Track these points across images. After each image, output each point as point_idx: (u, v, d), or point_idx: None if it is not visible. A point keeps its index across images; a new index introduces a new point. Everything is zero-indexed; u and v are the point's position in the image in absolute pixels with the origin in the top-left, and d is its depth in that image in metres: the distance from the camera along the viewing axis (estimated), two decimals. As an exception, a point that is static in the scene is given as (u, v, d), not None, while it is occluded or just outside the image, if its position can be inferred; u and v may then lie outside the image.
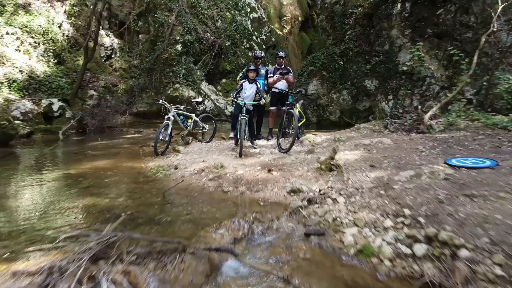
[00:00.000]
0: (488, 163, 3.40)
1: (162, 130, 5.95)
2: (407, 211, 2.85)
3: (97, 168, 5.38)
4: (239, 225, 3.06)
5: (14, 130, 7.47)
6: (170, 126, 6.05)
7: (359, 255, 2.59)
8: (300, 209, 3.36)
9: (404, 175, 3.52)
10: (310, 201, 3.48)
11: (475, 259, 2.19)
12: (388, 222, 2.85)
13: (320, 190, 3.69)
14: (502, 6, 7.07)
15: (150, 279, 2.27)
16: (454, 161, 3.56)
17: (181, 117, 6.61)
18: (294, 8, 20.36)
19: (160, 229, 3.02)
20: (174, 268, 2.33)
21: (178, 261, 2.38)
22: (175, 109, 6.31)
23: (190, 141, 6.43)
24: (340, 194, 3.52)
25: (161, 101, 6.47)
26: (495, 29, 7.10)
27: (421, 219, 2.70)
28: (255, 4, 17.89)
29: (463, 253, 2.26)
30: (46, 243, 2.66)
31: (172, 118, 6.16)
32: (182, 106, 6.66)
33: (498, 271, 2.06)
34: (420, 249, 2.47)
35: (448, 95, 6.60)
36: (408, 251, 2.51)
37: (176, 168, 4.88)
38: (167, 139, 6.02)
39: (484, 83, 6.82)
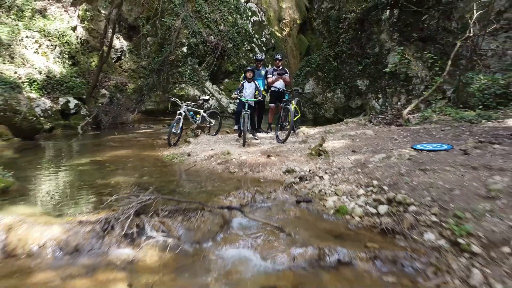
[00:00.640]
0: (445, 147, 4.14)
1: (175, 124, 6.69)
2: (375, 182, 3.59)
3: (119, 156, 6.12)
4: (244, 195, 3.79)
5: (40, 125, 8.22)
6: (182, 121, 6.80)
7: (336, 214, 3.34)
8: (293, 184, 4.09)
9: (377, 157, 4.26)
10: (301, 179, 4.21)
11: (419, 211, 2.93)
12: (361, 191, 3.59)
13: (309, 170, 4.43)
14: (478, 13, 7.81)
15: (179, 227, 3.01)
16: (418, 146, 4.30)
17: (191, 113, 7.35)
18: (293, 11, 21.06)
19: (181, 197, 3.76)
20: (197, 220, 3.07)
21: (199, 216, 3.12)
22: (185, 105, 7.06)
23: (199, 133, 7.18)
24: (326, 173, 4.26)
25: (173, 98, 7.22)
26: (471, 34, 7.84)
27: (385, 187, 3.44)
28: (255, 8, 18.61)
29: (411, 208, 3.00)
30: (97, 204, 3.40)
31: (183, 114, 6.90)
32: (192, 103, 7.41)
33: (434, 218, 2.80)
34: (382, 209, 3.21)
35: (424, 93, 7.34)
36: (374, 210, 3.25)
37: (189, 155, 5.63)
38: (178, 131, 6.76)
39: (460, 82, 7.55)
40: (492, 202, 2.69)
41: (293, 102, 6.78)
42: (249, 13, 17.99)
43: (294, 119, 6.61)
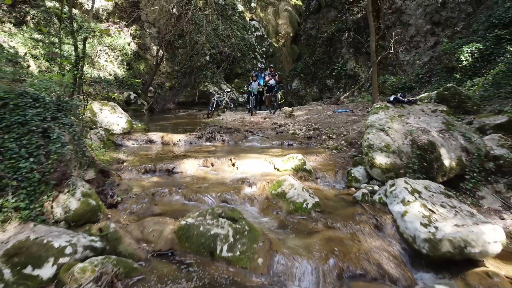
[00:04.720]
0: (347, 110, 8.13)
1: (211, 105, 10.69)
2: (310, 123, 7.60)
3: (181, 121, 10.13)
4: (252, 130, 7.81)
5: (125, 106, 12.25)
6: (215, 103, 10.79)
7: (291, 135, 7.34)
8: (275, 128, 8.09)
9: (316, 116, 8.27)
10: (280, 126, 8.22)
11: (322, 130, 6.93)
12: (304, 128, 7.60)
13: (284, 123, 8.43)
14: (395, 38, 11.74)
15: (228, 137, 7.01)
16: (336, 110, 8.29)
17: (220, 98, 11.37)
18: (287, 26, 24.92)
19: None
20: (235, 135, 7.08)
21: (235, 134, 7.13)
22: (217, 94, 11.06)
23: (225, 110, 11.22)
24: (291, 123, 8.27)
25: (211, 89, 11.24)
26: (391, 51, 11.78)
27: (313, 125, 7.44)
28: (258, 25, 22.50)
29: (320, 130, 7.01)
30: (191, 131, 7.42)
31: (216, 99, 10.90)
32: (221, 92, 11.42)
33: (326, 131, 6.80)
34: (310, 132, 7.23)
35: (352, 87, 11.32)
36: (307, 133, 7.25)
37: (222, 119, 9.65)
38: (213, 110, 10.76)
39: (382, 81, 11.49)
40: (346, 124, 6.70)
41: (280, 92, 10.76)
42: (253, 29, 21.89)
43: (280, 102, 10.62)
